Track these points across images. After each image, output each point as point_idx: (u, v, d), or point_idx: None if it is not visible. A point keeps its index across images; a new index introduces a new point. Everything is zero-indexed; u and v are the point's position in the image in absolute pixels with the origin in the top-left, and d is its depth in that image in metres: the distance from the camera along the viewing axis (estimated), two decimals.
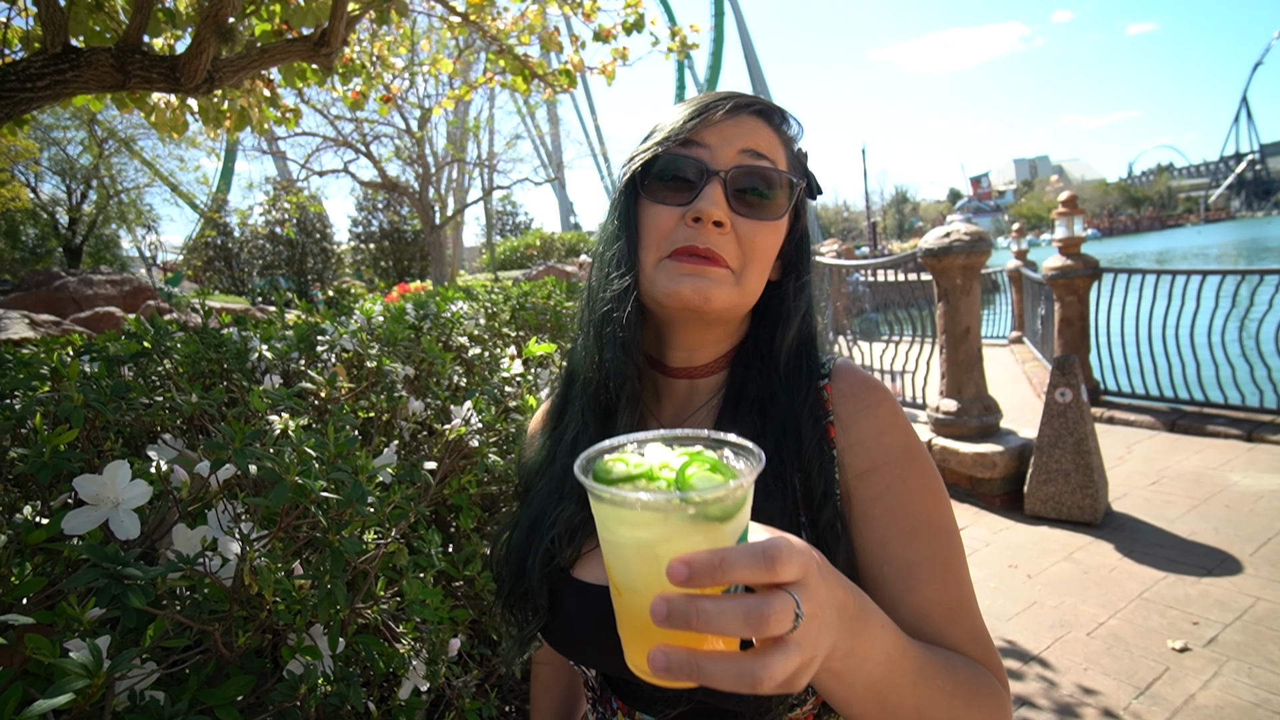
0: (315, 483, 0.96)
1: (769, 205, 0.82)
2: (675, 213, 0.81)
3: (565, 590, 0.86)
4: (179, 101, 3.99)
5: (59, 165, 28.45)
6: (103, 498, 0.89)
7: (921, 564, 0.76)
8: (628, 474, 0.54)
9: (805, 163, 0.90)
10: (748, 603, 0.45)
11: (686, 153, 0.81)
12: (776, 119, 0.86)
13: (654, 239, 0.82)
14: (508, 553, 0.94)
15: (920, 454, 0.82)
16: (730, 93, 0.85)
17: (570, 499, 0.87)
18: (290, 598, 1.05)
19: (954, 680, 0.67)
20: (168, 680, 1.05)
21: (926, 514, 0.78)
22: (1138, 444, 5.65)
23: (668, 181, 0.82)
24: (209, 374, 1.74)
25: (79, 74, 2.64)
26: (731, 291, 0.81)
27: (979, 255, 4.84)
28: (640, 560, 0.51)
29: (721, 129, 0.81)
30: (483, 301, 2.76)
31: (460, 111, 24.69)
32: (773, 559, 0.46)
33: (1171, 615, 3.17)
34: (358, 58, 5.12)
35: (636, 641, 0.54)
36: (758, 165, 0.81)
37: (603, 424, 0.87)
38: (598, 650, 0.84)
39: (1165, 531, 4.05)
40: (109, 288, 20.58)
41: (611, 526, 0.53)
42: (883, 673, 0.60)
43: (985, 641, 0.76)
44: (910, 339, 6.34)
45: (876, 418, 0.82)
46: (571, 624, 0.86)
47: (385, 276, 31.04)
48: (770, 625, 0.45)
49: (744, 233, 0.81)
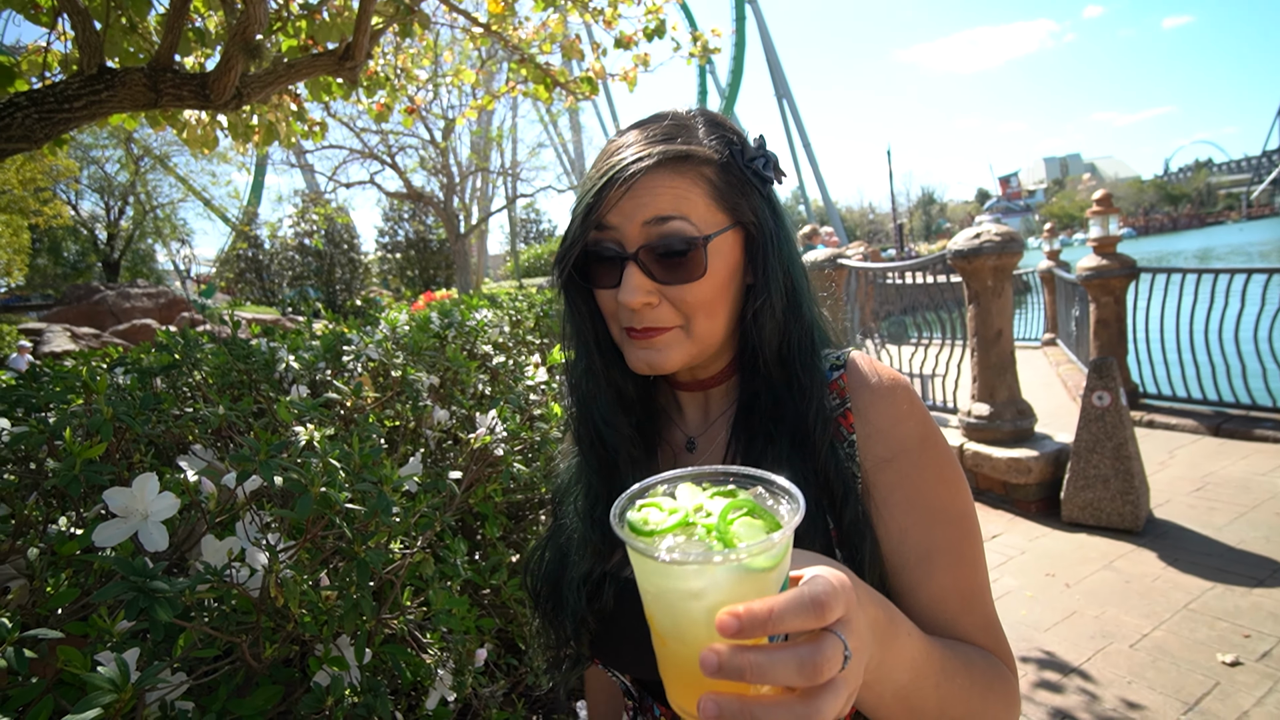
0: (340, 494, 0.95)
1: (689, 265, 0.80)
2: (612, 294, 0.83)
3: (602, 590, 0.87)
4: (209, 118, 4.08)
5: (98, 183, 29.39)
6: (132, 510, 0.90)
7: (939, 551, 0.77)
8: (664, 526, 0.53)
9: (747, 159, 0.84)
10: (800, 653, 0.46)
11: (602, 237, 0.82)
12: (676, 162, 0.80)
13: (608, 316, 0.86)
14: (543, 572, 0.95)
15: (937, 441, 0.82)
16: (625, 150, 0.80)
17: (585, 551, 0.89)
18: (317, 609, 1.04)
19: (971, 676, 0.70)
20: (198, 690, 1.05)
21: (943, 501, 0.79)
22: (1180, 448, 5.47)
23: (597, 266, 0.83)
24: (238, 384, 1.76)
25: (114, 94, 2.71)
26: (685, 347, 0.83)
27: (1010, 256, 4.74)
28: (685, 613, 0.51)
29: (620, 208, 0.79)
30: (507, 309, 2.76)
31: (483, 121, 24.98)
32: (822, 606, 0.47)
33: (1220, 627, 3.04)
34: (382, 70, 5.20)
35: (681, 687, 0.54)
36: (666, 233, 0.79)
37: (607, 478, 0.90)
38: (640, 652, 0.82)
39: (1211, 540, 3.90)
40: (145, 300, 21.19)
41: (655, 580, 0.52)
42: (909, 678, 0.62)
43: (996, 629, 0.79)
44: (940, 342, 6.23)
45: (893, 405, 0.83)
46: (612, 627, 0.86)
47: (412, 285, 31.47)
48: (824, 672, 0.46)
49: (674, 297, 0.81)
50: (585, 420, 0.91)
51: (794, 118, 59.50)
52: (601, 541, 0.87)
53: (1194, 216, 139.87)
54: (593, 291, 0.87)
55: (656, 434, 0.94)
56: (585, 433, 0.91)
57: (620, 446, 0.88)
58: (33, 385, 1.29)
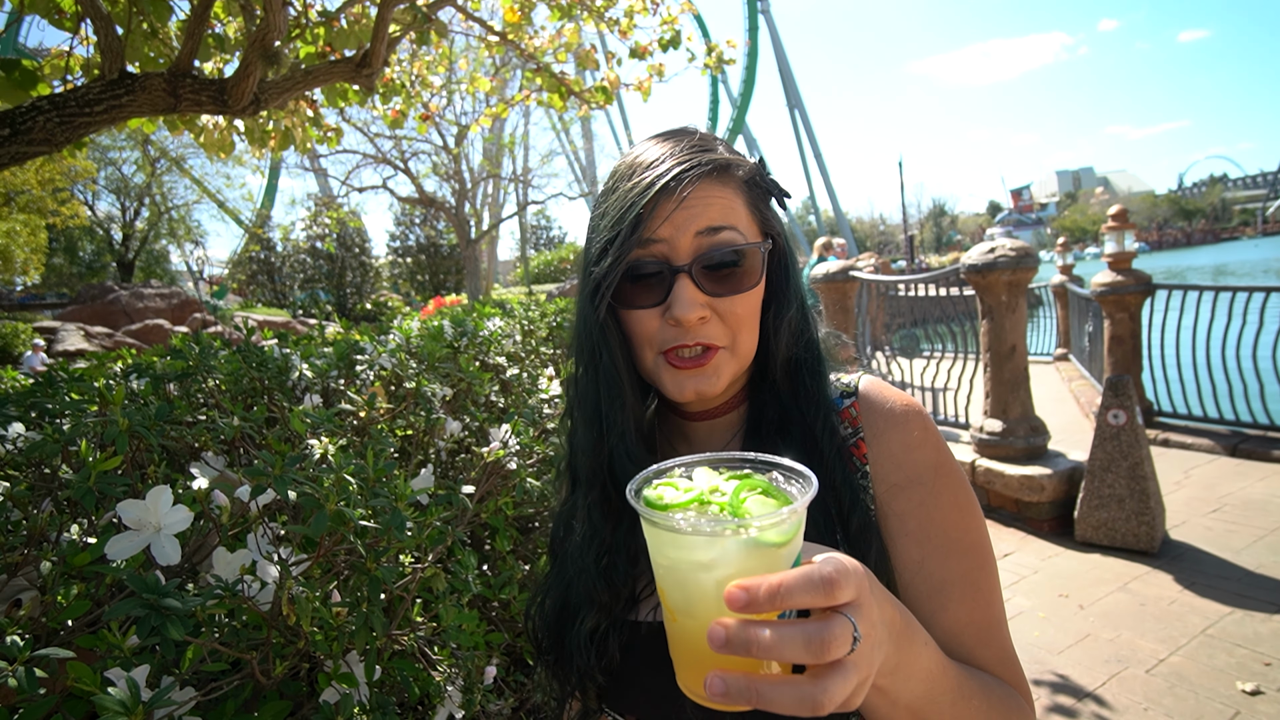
0: (355, 511, 0.94)
1: (741, 276, 0.79)
2: (654, 314, 0.80)
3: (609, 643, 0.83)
4: (226, 122, 4.11)
5: (114, 184, 29.74)
6: (145, 523, 0.89)
7: (954, 583, 0.76)
8: (678, 501, 0.54)
9: (762, 179, 0.84)
10: (808, 629, 0.46)
11: (646, 254, 0.78)
12: (720, 171, 0.80)
13: (644, 340, 0.82)
14: (545, 622, 0.91)
15: (952, 470, 0.81)
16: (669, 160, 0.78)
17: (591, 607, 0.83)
18: (327, 625, 1.03)
19: (989, 701, 0.69)
20: (204, 705, 1.03)
21: (958, 531, 0.78)
22: (1195, 468, 5.40)
23: (637, 285, 0.80)
24: (250, 391, 1.76)
25: (134, 98, 2.73)
26: (730, 367, 0.81)
27: (1025, 271, 4.70)
28: (696, 586, 0.51)
29: (673, 220, 0.77)
30: (519, 318, 2.75)
31: (496, 128, 25.13)
32: (831, 584, 0.46)
33: (1240, 654, 2.98)
34: (398, 77, 5.23)
35: (690, 665, 0.54)
36: (719, 244, 0.77)
37: (615, 526, 0.85)
38: (649, 696, 0.81)
39: (1229, 563, 3.83)
40: (159, 301, 21.38)
41: (667, 551, 0.53)
42: (924, 690, 0.61)
43: (1013, 662, 0.78)
44: (952, 356, 6.18)
45: (906, 433, 0.81)
46: (620, 671, 0.83)
47: (421, 290, 31.62)
48: (831, 651, 0.45)
49: (725, 310, 0.79)
50: (599, 455, 0.85)
51: (805, 128, 59.58)
52: (609, 595, 0.83)
53: (1208, 232, 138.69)
54: (619, 316, 0.83)
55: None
56: (597, 471, 0.86)
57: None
58: (49, 391, 1.29)
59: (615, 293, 0.81)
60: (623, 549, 0.83)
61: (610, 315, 0.83)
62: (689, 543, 0.50)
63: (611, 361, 0.83)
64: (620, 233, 0.78)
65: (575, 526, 0.89)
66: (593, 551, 0.85)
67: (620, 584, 0.83)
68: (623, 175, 0.82)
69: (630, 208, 0.78)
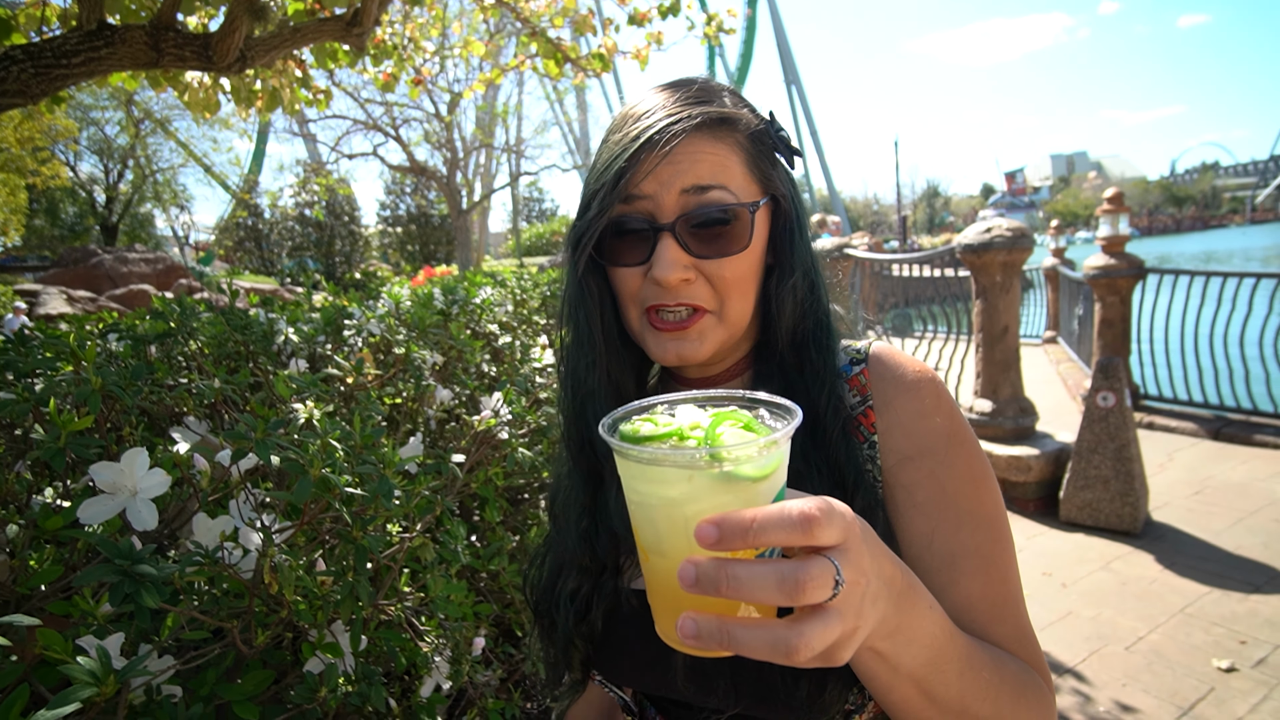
0: (340, 478, 0.91)
1: (730, 238, 0.75)
2: (637, 272, 0.77)
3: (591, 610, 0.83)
4: (212, 81, 3.98)
5: (97, 145, 29.06)
6: (120, 486, 0.85)
7: (967, 555, 0.73)
8: (655, 434, 0.52)
9: (771, 135, 0.80)
10: (782, 567, 0.42)
11: (630, 210, 0.75)
12: (714, 126, 0.76)
13: (627, 298, 0.79)
14: (541, 585, 0.90)
15: (966, 438, 0.77)
16: (658, 112, 0.75)
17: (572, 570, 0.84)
18: (311, 595, 1.00)
19: (1000, 675, 0.65)
20: (185, 674, 1.01)
21: (971, 503, 0.75)
22: (1179, 451, 5.46)
23: (621, 242, 0.77)
24: (234, 355, 1.71)
25: (113, 51, 2.63)
26: (717, 333, 0.78)
27: (1020, 252, 4.68)
28: (667, 521, 0.49)
29: (657, 174, 0.73)
30: (511, 288, 2.71)
31: (489, 97, 24.69)
32: (810, 520, 0.43)
33: (1216, 633, 3.03)
34: (389, 39, 5.08)
35: (666, 609, 0.51)
36: (706, 202, 0.74)
37: (595, 490, 0.84)
38: (641, 665, 0.79)
39: (1209, 544, 3.89)
40: (143, 266, 21.04)
41: (637, 486, 0.51)
42: (928, 657, 0.57)
43: (1030, 640, 0.74)
44: (945, 336, 6.18)
45: (918, 399, 0.78)
46: (613, 640, 0.82)
47: (411, 260, 31.28)
48: (807, 592, 0.42)
49: (712, 272, 0.76)
50: (578, 420, 0.84)
51: (802, 105, 58.95)
52: (590, 559, 0.82)
53: (1198, 219, 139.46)
54: (606, 272, 0.80)
55: None
56: (576, 434, 0.85)
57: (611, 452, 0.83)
58: (20, 350, 1.24)
59: (601, 249, 0.78)
60: (603, 513, 0.82)
61: (594, 272, 0.80)
62: (659, 475, 0.48)
63: (587, 319, 0.81)
64: (604, 185, 0.74)
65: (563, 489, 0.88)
66: (574, 514, 0.84)
67: (601, 549, 0.82)
68: (615, 126, 0.79)
69: (614, 160, 0.74)
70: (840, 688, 0.70)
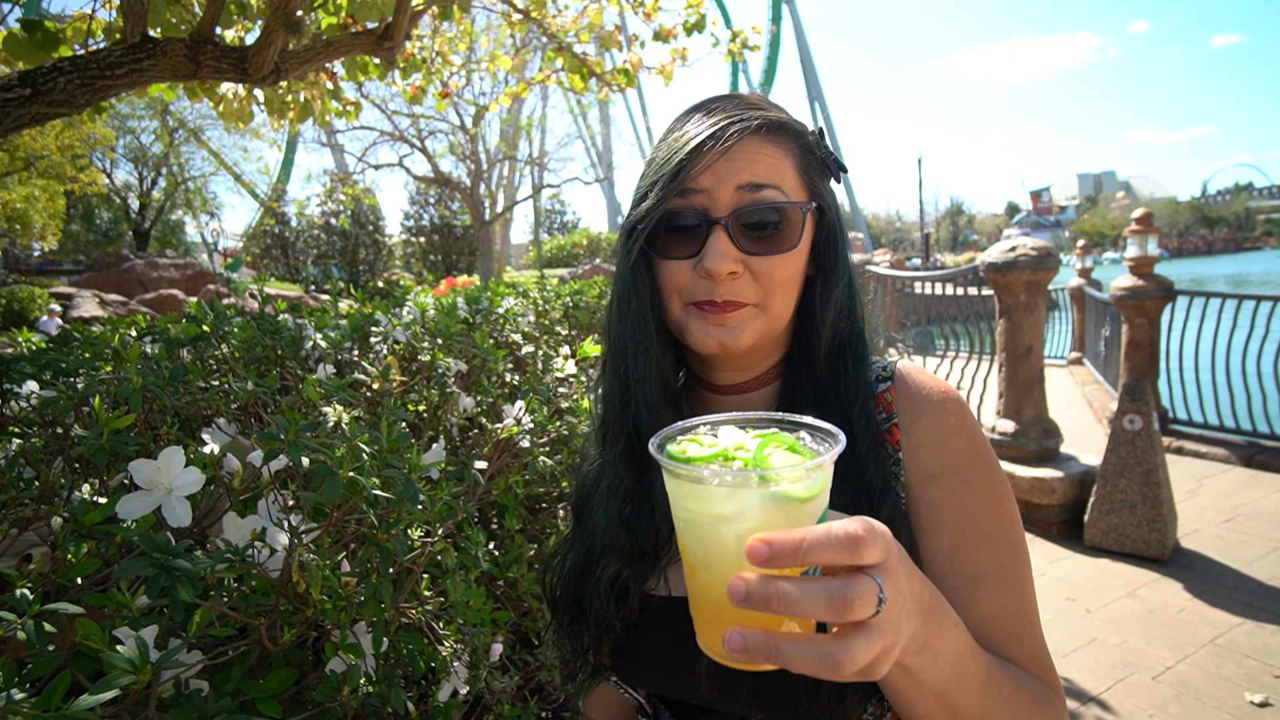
0: (368, 480, 0.93)
1: (780, 237, 0.78)
2: (686, 265, 0.79)
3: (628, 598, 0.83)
4: (246, 92, 4.09)
5: (132, 153, 29.85)
6: (156, 483, 0.88)
7: (986, 575, 0.75)
8: (702, 455, 0.54)
9: (822, 147, 0.83)
10: (830, 585, 0.44)
11: (685, 204, 0.78)
12: (772, 130, 0.79)
13: (674, 291, 0.81)
14: (564, 577, 0.91)
15: (989, 460, 0.79)
16: (716, 119, 0.78)
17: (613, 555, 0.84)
18: (336, 595, 1.02)
19: (1019, 692, 0.67)
20: (211, 669, 1.03)
21: (993, 524, 0.76)
22: (1209, 478, 5.33)
23: (673, 235, 0.79)
24: (264, 360, 1.75)
25: (155, 63, 2.72)
26: (758, 326, 0.79)
27: (1046, 272, 4.63)
28: (716, 539, 0.51)
29: (715, 169, 0.76)
30: (533, 299, 2.73)
31: (514, 110, 25.03)
32: (856, 540, 0.45)
33: (1249, 665, 2.95)
34: (419, 53, 5.19)
35: (710, 623, 0.53)
36: (759, 200, 0.76)
37: (639, 477, 0.86)
38: (663, 669, 0.80)
39: (1241, 574, 3.79)
40: (173, 271, 21.52)
41: (687, 504, 0.52)
42: (952, 673, 0.59)
43: (1045, 659, 0.76)
44: (967, 355, 6.12)
45: (943, 419, 0.79)
46: (634, 643, 0.83)
47: (434, 270, 31.65)
48: (854, 609, 0.44)
49: (759, 269, 0.78)
50: (625, 408, 0.85)
51: (825, 121, 59.00)
52: (630, 544, 0.84)
53: (1230, 241, 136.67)
54: (653, 266, 0.82)
55: None
56: (622, 423, 0.86)
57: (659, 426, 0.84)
58: (63, 350, 1.28)
59: (652, 241, 0.80)
60: (645, 500, 0.83)
61: (644, 263, 0.82)
62: (710, 494, 0.50)
63: (639, 308, 0.82)
64: (662, 178, 0.77)
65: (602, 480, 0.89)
66: (616, 501, 0.85)
67: (642, 535, 0.83)
68: (673, 127, 0.82)
69: (675, 154, 0.77)
70: (860, 697, 0.71)
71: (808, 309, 0.85)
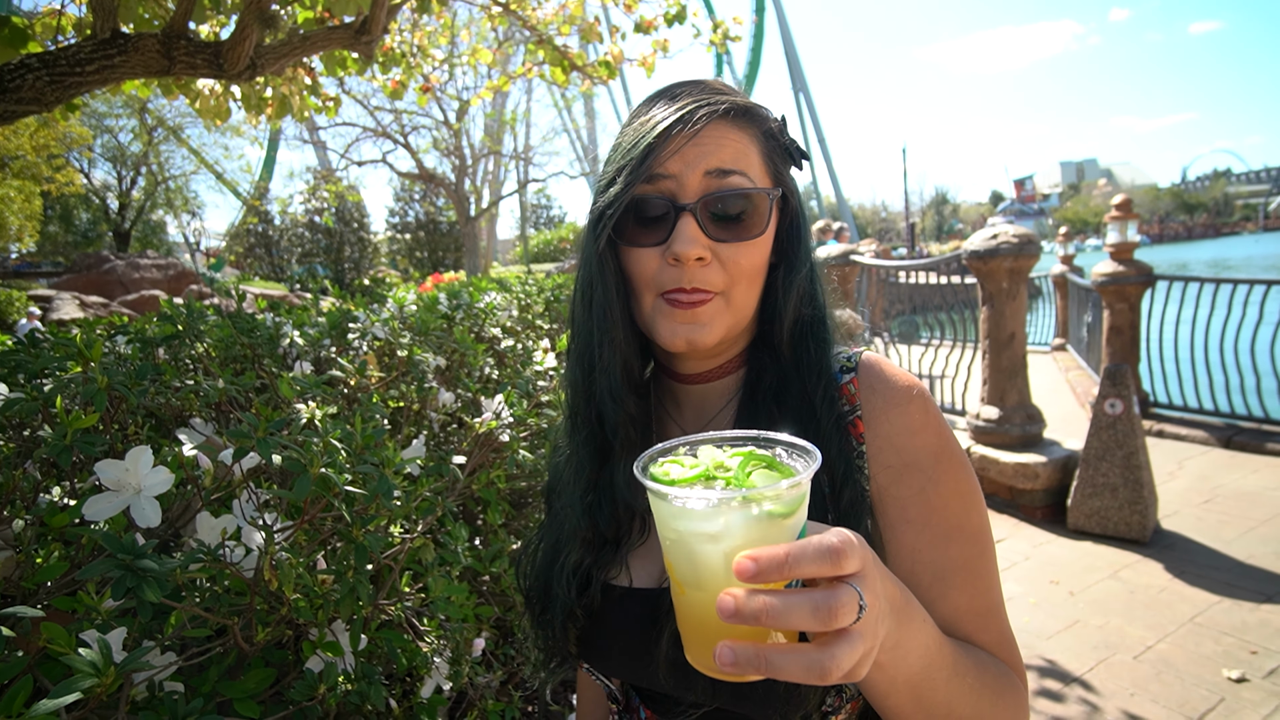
0: (341, 476, 0.92)
1: (747, 224, 0.78)
2: (654, 253, 0.78)
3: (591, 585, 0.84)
4: (223, 88, 4.03)
5: (110, 152, 29.41)
6: (124, 484, 0.87)
7: (954, 570, 0.76)
8: (685, 477, 0.56)
9: (782, 135, 0.84)
10: (814, 597, 0.46)
11: (652, 190, 0.77)
12: (738, 115, 0.79)
13: (643, 281, 0.80)
14: (535, 568, 0.91)
15: (953, 454, 0.79)
16: (684, 103, 0.78)
17: (575, 542, 0.85)
18: (312, 593, 1.01)
19: (982, 679, 0.70)
20: (188, 671, 1.02)
21: (958, 518, 0.77)
22: (1189, 460, 5.41)
23: (640, 222, 0.78)
24: (241, 359, 1.73)
25: (126, 59, 2.67)
26: (724, 319, 0.79)
27: (1027, 259, 4.67)
28: (704, 557, 0.52)
29: (683, 154, 0.76)
30: (516, 293, 2.72)
31: (498, 104, 24.86)
32: (838, 553, 0.47)
33: (1227, 642, 3.00)
34: (398, 47, 5.13)
35: (699, 639, 0.55)
36: (727, 186, 0.76)
37: (601, 465, 0.86)
38: (627, 657, 0.80)
39: (1220, 553, 3.85)
40: (154, 271, 21.24)
41: (673, 525, 0.54)
42: (921, 666, 0.62)
43: (1010, 644, 0.78)
44: (951, 343, 6.16)
45: (907, 416, 0.79)
46: (600, 632, 0.83)
47: (420, 266, 31.43)
48: (838, 618, 0.46)
49: (727, 257, 0.77)
50: (589, 395, 0.85)
51: (810, 112, 58.98)
52: (591, 531, 0.84)
53: (1209, 226, 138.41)
54: (620, 254, 0.81)
55: (650, 431, 0.89)
56: (586, 410, 0.86)
57: (620, 427, 0.83)
58: (30, 351, 1.26)
59: (619, 228, 0.79)
60: (607, 488, 0.84)
61: (611, 251, 0.81)
62: (697, 515, 0.51)
63: (605, 296, 0.81)
64: (629, 163, 0.76)
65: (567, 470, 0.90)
66: (579, 488, 0.86)
67: (603, 522, 0.84)
68: (638, 112, 0.81)
69: (642, 139, 0.77)
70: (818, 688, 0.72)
71: (771, 296, 0.85)
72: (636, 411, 0.85)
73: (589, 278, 0.83)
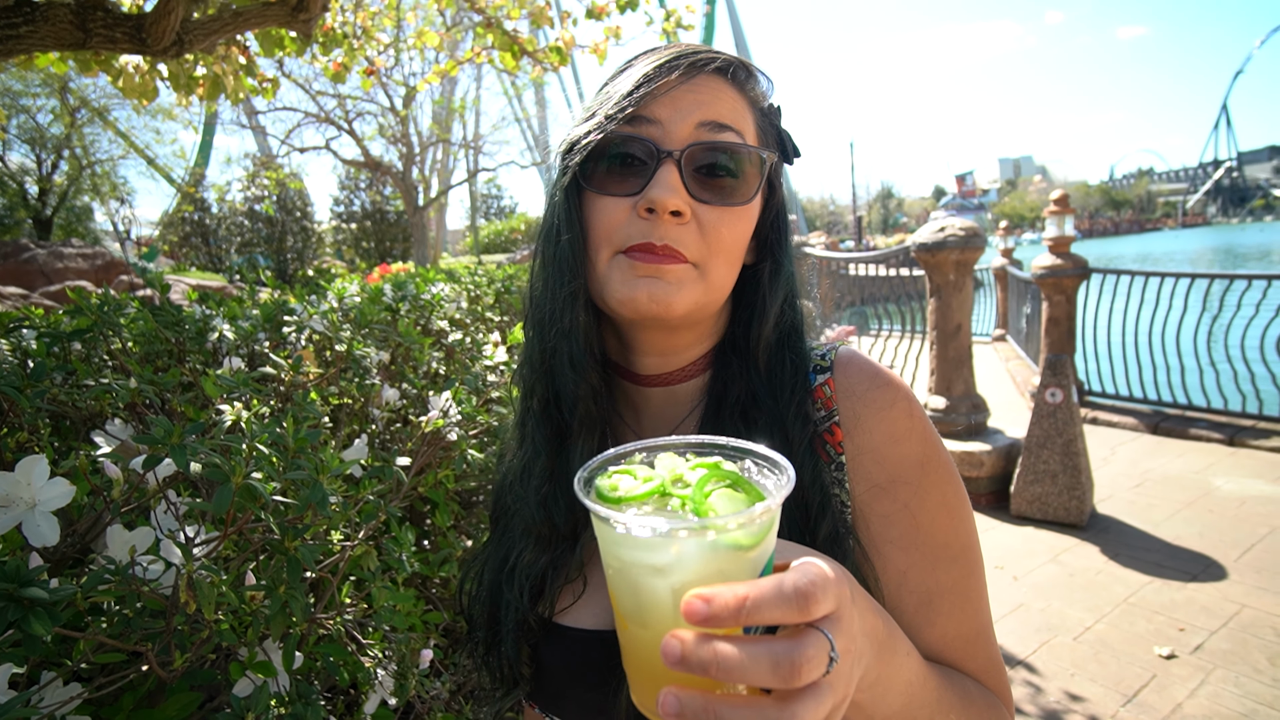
0: (268, 485, 0.84)
1: (735, 187, 0.69)
2: (625, 204, 0.69)
3: (543, 638, 0.76)
4: (148, 65, 3.78)
5: (28, 133, 27.59)
6: (15, 498, 0.77)
7: (942, 594, 0.70)
8: (634, 493, 0.47)
9: (778, 122, 0.78)
10: (776, 649, 0.39)
11: (634, 131, 0.68)
12: (741, 76, 0.72)
13: (603, 234, 0.70)
14: (479, 593, 0.83)
15: (940, 463, 0.73)
16: (682, 49, 0.71)
17: (528, 541, 0.76)
18: (241, 611, 0.93)
19: (967, 714, 0.64)
20: (99, 700, 0.93)
21: (947, 536, 0.71)
22: (1121, 445, 5.66)
23: (614, 168, 0.69)
24: (165, 354, 1.61)
25: (34, 29, 2.46)
26: (695, 291, 0.69)
27: (973, 251, 4.79)
28: (650, 592, 0.44)
29: (674, 98, 0.68)
30: (465, 284, 2.63)
31: (446, 91, 24.28)
32: (806, 598, 0.39)
33: (1158, 621, 3.14)
34: (340, 28, 4.92)
35: (644, 680, 0.47)
36: (719, 140, 0.68)
37: (557, 450, 0.76)
38: (578, 706, 0.74)
39: (1150, 535, 4.03)
40: (80, 261, 20.03)
41: (616, 552, 0.46)
42: (902, 703, 0.56)
43: (998, 670, 0.73)
44: (900, 333, 6.29)
45: (889, 422, 0.72)
46: (550, 676, 0.76)
47: (367, 257, 30.54)
48: (802, 675, 0.39)
49: (707, 221, 0.68)
50: (547, 369, 0.75)
51: None
52: (548, 526, 0.75)
53: (1135, 222, 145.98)
54: (584, 203, 0.71)
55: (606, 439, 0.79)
56: (543, 386, 0.76)
57: (579, 401, 0.74)
58: None
59: (587, 172, 0.70)
60: (564, 476, 0.74)
61: (576, 194, 0.72)
62: (642, 543, 0.43)
63: (571, 242, 0.71)
64: (615, 95, 0.68)
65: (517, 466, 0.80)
66: (534, 480, 0.76)
67: (559, 516, 0.75)
68: (624, 66, 0.74)
69: (631, 74, 0.69)
70: None
71: (745, 295, 0.78)
72: (599, 385, 0.75)
73: (553, 224, 0.73)
